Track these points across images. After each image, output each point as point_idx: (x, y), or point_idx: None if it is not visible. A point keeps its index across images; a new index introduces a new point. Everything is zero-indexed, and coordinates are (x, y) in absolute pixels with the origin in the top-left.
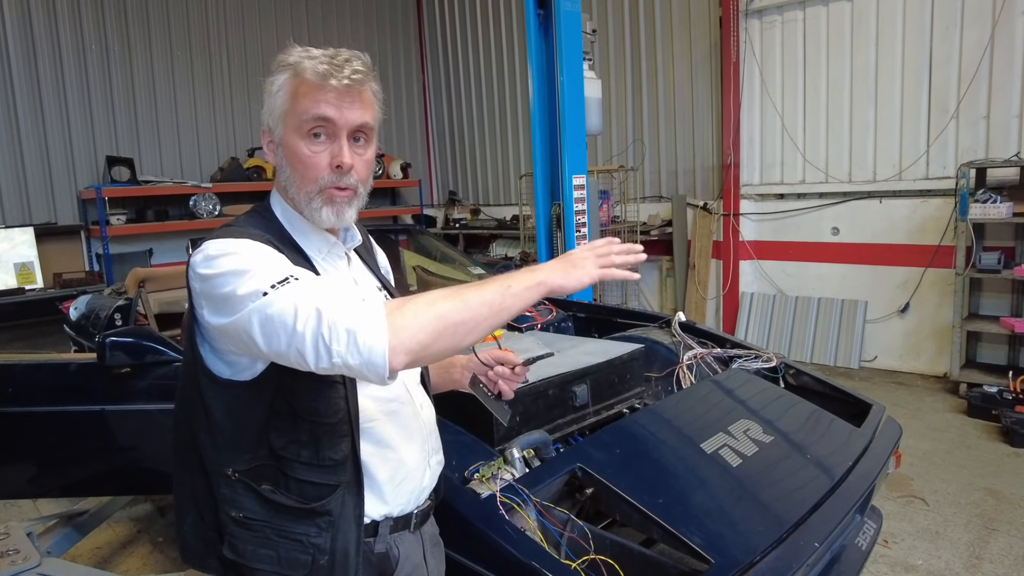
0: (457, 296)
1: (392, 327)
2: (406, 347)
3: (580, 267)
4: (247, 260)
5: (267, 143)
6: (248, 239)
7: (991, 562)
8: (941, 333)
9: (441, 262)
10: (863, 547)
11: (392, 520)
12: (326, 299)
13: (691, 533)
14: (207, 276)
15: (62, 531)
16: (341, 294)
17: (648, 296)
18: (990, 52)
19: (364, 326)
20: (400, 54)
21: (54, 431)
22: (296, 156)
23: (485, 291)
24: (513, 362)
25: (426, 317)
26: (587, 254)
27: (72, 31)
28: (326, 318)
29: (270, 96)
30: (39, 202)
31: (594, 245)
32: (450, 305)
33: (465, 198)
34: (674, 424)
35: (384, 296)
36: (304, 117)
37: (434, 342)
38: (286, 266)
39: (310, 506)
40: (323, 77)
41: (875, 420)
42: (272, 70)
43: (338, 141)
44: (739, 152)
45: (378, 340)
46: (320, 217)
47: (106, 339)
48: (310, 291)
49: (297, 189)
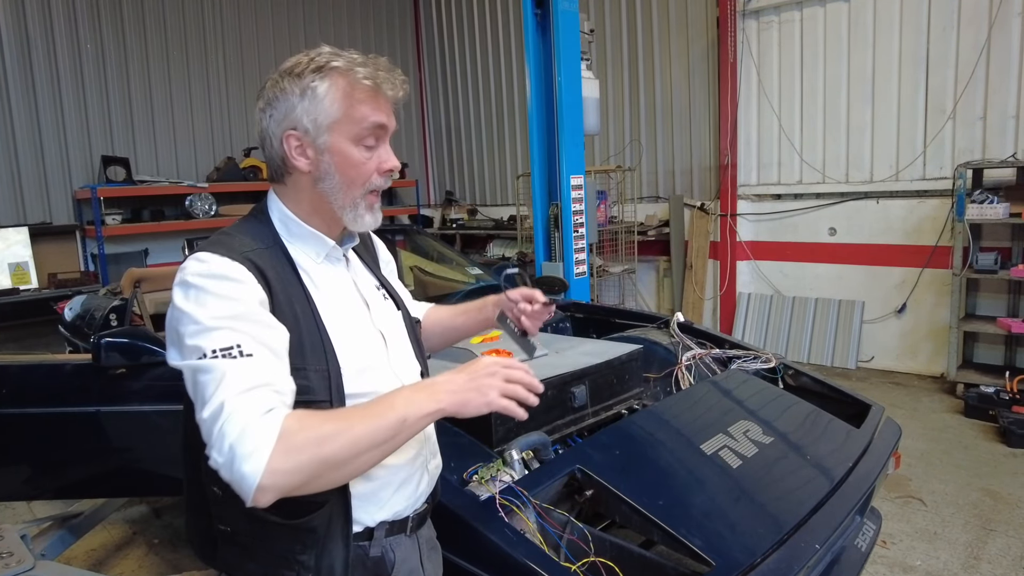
0: (349, 435)
1: (271, 468)
2: (278, 488)
3: (484, 394)
4: (203, 305)
5: (295, 147)
6: (225, 259)
7: (989, 562)
8: (938, 333)
9: (438, 262)
10: (863, 548)
11: (388, 524)
12: (237, 398)
13: (691, 535)
14: (174, 304)
15: (56, 533)
16: (255, 396)
17: (645, 296)
18: (986, 53)
19: (244, 453)
20: (397, 53)
21: (49, 433)
22: (350, 162)
23: (380, 429)
24: (538, 299)
25: (310, 462)
26: (494, 383)
27: (67, 30)
28: (221, 420)
29: (308, 100)
30: (34, 202)
31: (509, 369)
32: (339, 447)
33: (462, 198)
34: (673, 425)
35: (383, 295)
36: (364, 124)
37: (308, 484)
38: (240, 325)
39: (294, 523)
40: (379, 85)
41: (874, 421)
42: (300, 72)
43: (384, 147)
44: (736, 152)
45: (249, 475)
46: (364, 221)
47: (101, 340)
48: (234, 378)
49: (344, 195)
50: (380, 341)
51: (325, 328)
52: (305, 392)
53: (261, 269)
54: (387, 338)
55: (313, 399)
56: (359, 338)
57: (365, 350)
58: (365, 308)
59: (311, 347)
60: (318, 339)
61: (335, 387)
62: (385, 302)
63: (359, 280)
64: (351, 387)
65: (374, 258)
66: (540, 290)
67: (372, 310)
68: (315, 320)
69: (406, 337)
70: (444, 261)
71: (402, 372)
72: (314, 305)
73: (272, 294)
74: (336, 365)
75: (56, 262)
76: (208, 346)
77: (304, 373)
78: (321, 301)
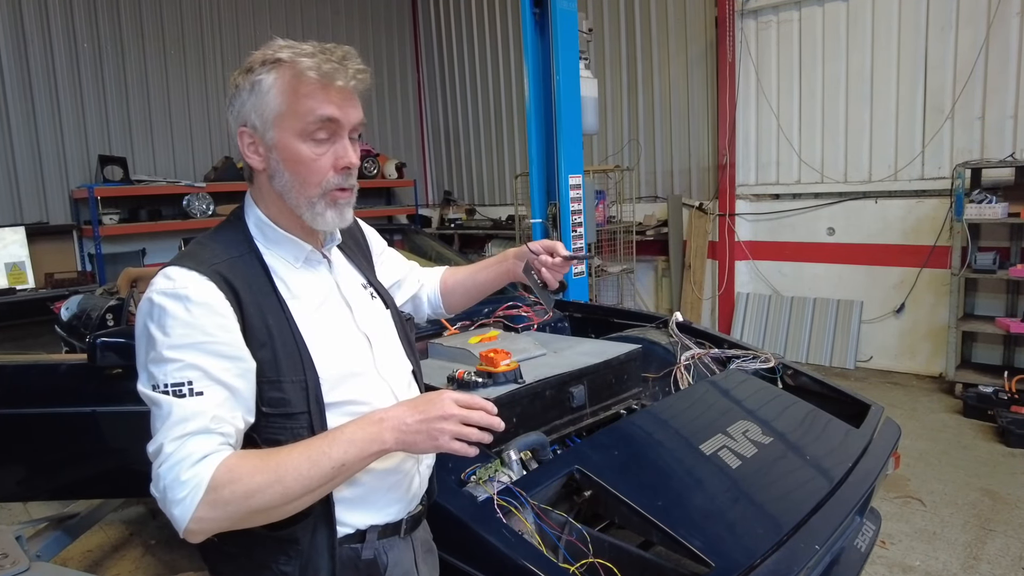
0: (278, 486)
1: (198, 518)
2: (205, 532)
3: (433, 438)
4: (165, 330)
5: (248, 144)
6: (193, 273)
7: (988, 563)
8: (937, 333)
9: (436, 262)
10: (862, 549)
11: (380, 527)
12: (174, 443)
13: (691, 536)
14: (139, 319)
15: (52, 534)
16: (192, 443)
17: (644, 296)
18: (985, 53)
19: (173, 499)
20: (395, 53)
21: (44, 433)
22: (298, 160)
23: (313, 476)
24: (560, 252)
25: (237, 513)
26: (447, 427)
27: (64, 29)
28: (159, 461)
29: (255, 95)
30: (31, 201)
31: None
32: (268, 497)
33: (460, 198)
34: (672, 425)
35: (371, 294)
36: (309, 119)
37: (237, 525)
38: (197, 357)
39: (277, 534)
40: (328, 77)
41: (874, 421)
42: (252, 66)
43: (341, 141)
44: (735, 152)
45: (178, 518)
46: (325, 221)
47: (97, 340)
48: (178, 418)
49: (298, 194)
50: (364, 344)
51: (302, 337)
52: (281, 404)
53: (231, 283)
54: (372, 340)
55: (290, 411)
56: (340, 344)
57: (347, 356)
58: (347, 311)
59: (286, 358)
60: (294, 350)
61: (313, 397)
62: (372, 301)
63: (342, 281)
64: (333, 396)
65: (366, 253)
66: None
67: (355, 312)
68: (291, 330)
69: (395, 336)
70: (442, 261)
71: (390, 374)
72: (289, 314)
73: (242, 308)
74: (314, 375)
75: (53, 262)
76: (161, 379)
77: (279, 385)
78: (298, 309)
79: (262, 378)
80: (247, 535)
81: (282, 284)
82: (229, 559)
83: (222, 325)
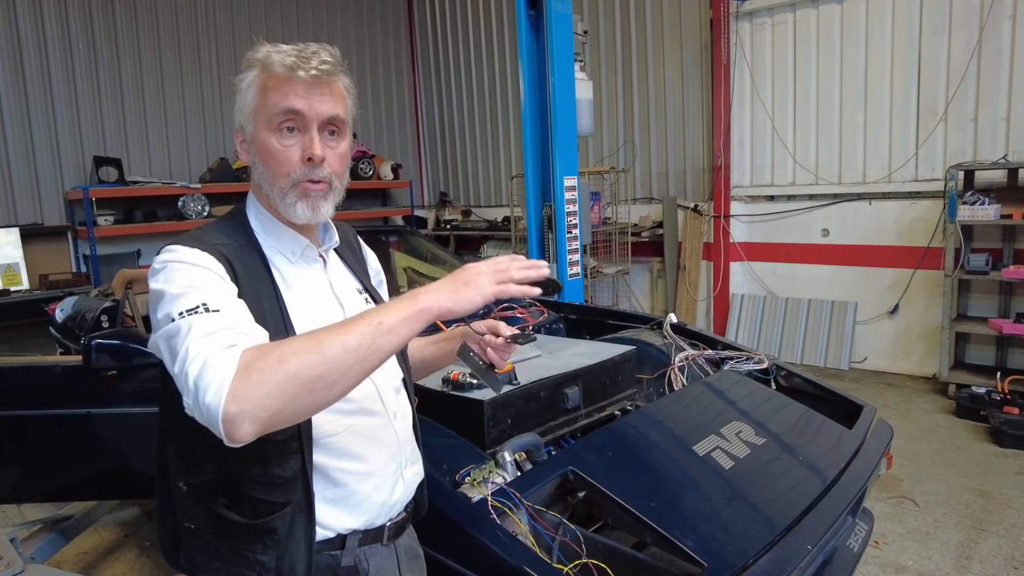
0: (313, 347)
1: (234, 394)
2: (251, 416)
3: (473, 286)
4: (172, 281)
5: (240, 142)
6: (195, 250)
7: (980, 562)
8: (930, 334)
9: (432, 263)
10: (855, 549)
11: (361, 533)
12: (200, 341)
13: (684, 536)
14: (150, 291)
15: (46, 536)
16: (217, 336)
17: (639, 297)
18: (978, 55)
19: (205, 386)
20: (391, 54)
21: (39, 435)
22: (267, 151)
23: (350, 335)
24: (503, 332)
25: (274, 380)
26: (484, 269)
27: (59, 29)
28: (187, 363)
29: (240, 94)
30: (25, 202)
31: (495, 261)
32: (303, 361)
33: (456, 199)
34: (666, 426)
35: (365, 299)
36: (273, 111)
37: (287, 406)
38: (206, 290)
39: (255, 522)
40: (291, 69)
41: (867, 421)
42: (242, 68)
43: (309, 134)
44: (729, 154)
45: (213, 405)
46: (295, 212)
47: (91, 341)
48: (199, 327)
49: (271, 185)
50: None
51: (292, 326)
52: None
53: (231, 261)
54: None
55: None
56: None
57: None
58: (339, 309)
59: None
60: (283, 335)
61: None
62: (367, 306)
63: (336, 281)
64: None
65: (362, 265)
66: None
67: (347, 311)
68: (283, 318)
69: None
70: (438, 262)
71: (379, 376)
72: (283, 303)
73: (240, 286)
74: None
75: (47, 263)
76: (175, 310)
77: None
78: (291, 300)
79: None
80: (225, 525)
81: (278, 274)
82: (207, 548)
83: (223, 278)
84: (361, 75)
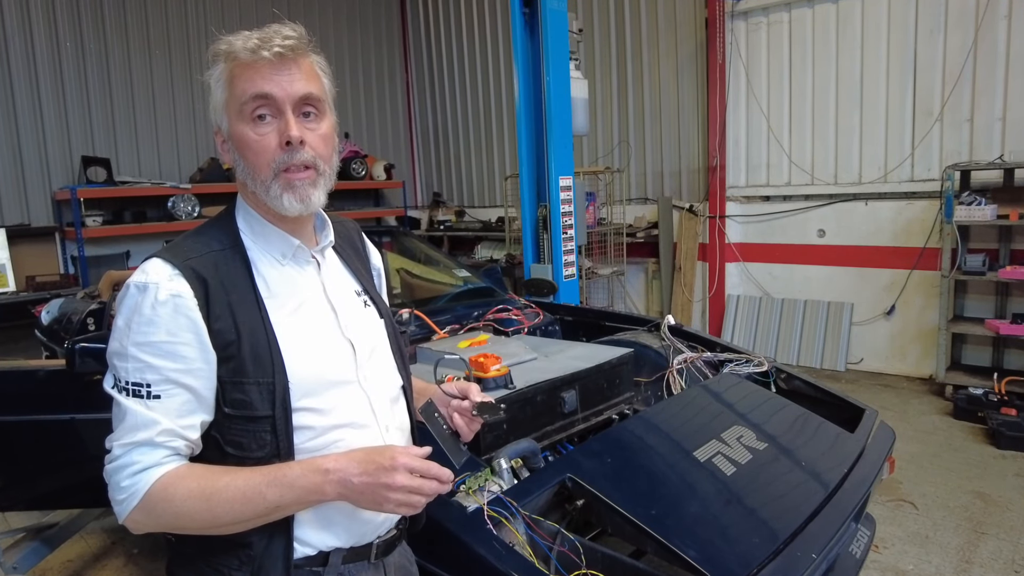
0: (207, 512)
1: (133, 519)
2: (140, 530)
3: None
4: (134, 332)
5: (220, 143)
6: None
7: (981, 566)
8: (927, 335)
9: (425, 264)
10: (857, 555)
11: (345, 550)
12: (123, 449)
13: (685, 545)
14: (115, 313)
15: (30, 545)
16: (138, 453)
17: (634, 298)
18: (973, 55)
19: (114, 498)
20: (383, 53)
21: (22, 441)
22: (244, 143)
23: (246, 511)
24: (473, 397)
25: (167, 524)
26: (392, 496)
27: (46, 27)
28: (109, 461)
29: (210, 93)
30: (12, 203)
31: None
32: (196, 521)
33: (450, 200)
34: (665, 431)
35: (364, 301)
36: (243, 99)
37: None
38: (155, 366)
39: (231, 537)
40: (253, 52)
41: (868, 425)
42: (207, 65)
43: (283, 117)
44: (725, 154)
45: (117, 512)
46: (283, 205)
47: (76, 345)
48: (131, 423)
49: (254, 179)
50: (347, 351)
51: (275, 338)
52: (243, 407)
53: (204, 278)
54: (357, 348)
55: (253, 414)
56: (318, 348)
57: (324, 362)
58: (332, 315)
59: (253, 359)
60: (265, 350)
61: (280, 401)
62: (366, 309)
63: (330, 284)
64: (304, 403)
65: (364, 264)
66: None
67: (341, 317)
68: (264, 329)
69: (386, 347)
70: (431, 263)
71: (373, 386)
72: (265, 313)
73: (209, 305)
74: (283, 378)
75: (34, 264)
76: (122, 375)
77: (242, 387)
78: (275, 308)
79: (224, 378)
80: (204, 538)
81: (262, 281)
82: (184, 560)
83: (185, 325)
84: (354, 74)
